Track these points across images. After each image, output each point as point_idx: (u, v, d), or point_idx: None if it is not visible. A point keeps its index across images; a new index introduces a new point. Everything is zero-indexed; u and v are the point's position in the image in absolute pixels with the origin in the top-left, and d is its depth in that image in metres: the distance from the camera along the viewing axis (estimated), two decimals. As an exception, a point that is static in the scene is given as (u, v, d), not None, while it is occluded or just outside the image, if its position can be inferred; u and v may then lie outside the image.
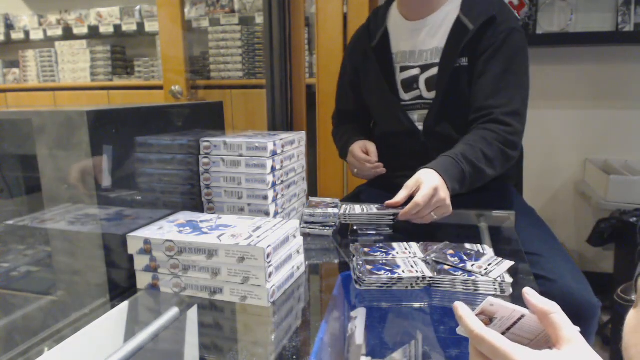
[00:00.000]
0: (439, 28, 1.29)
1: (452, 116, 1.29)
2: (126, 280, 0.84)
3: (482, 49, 1.23)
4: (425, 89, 1.32)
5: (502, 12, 1.25)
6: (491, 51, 1.22)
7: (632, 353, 0.54)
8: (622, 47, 2.21)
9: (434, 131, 1.31)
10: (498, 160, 1.18)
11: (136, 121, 0.88)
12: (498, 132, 1.19)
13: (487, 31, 1.23)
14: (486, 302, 0.50)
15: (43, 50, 3.19)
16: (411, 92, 1.34)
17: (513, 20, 1.26)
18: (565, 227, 2.39)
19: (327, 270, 1.01)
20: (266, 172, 0.99)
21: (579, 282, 1.08)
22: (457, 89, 1.27)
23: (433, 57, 1.30)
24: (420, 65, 1.32)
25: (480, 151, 1.16)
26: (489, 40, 1.23)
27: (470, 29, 1.23)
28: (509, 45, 1.22)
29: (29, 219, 0.86)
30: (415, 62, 1.33)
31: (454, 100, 1.28)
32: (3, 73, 3.38)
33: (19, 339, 0.70)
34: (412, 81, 1.33)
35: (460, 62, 1.25)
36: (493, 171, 1.18)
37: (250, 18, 2.72)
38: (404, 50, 1.35)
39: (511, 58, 1.23)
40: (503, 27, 1.22)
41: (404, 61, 1.35)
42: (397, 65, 1.35)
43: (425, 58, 1.31)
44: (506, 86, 1.22)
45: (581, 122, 2.30)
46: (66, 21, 3.18)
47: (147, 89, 2.90)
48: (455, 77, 1.26)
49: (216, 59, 2.72)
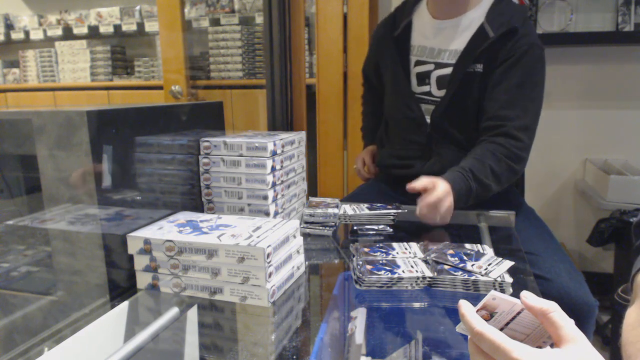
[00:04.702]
0: (463, 32, 1.31)
1: (457, 116, 1.31)
2: (126, 280, 0.84)
3: (500, 59, 1.25)
4: (435, 87, 1.34)
5: (525, 25, 1.26)
6: (509, 63, 1.24)
7: (631, 350, 0.54)
8: (622, 47, 2.21)
9: (440, 125, 1.33)
10: (504, 176, 1.20)
11: (136, 121, 0.88)
12: (508, 148, 1.20)
13: (507, 42, 1.25)
14: (489, 295, 0.51)
15: (43, 50, 3.19)
16: (422, 86, 1.37)
17: (534, 35, 1.28)
18: (565, 227, 2.39)
19: (327, 270, 1.01)
20: (266, 172, 0.99)
21: (576, 281, 1.09)
22: (467, 93, 1.28)
23: (450, 58, 1.32)
24: (435, 63, 1.34)
25: (489, 167, 1.18)
26: (508, 52, 1.24)
27: (491, 37, 1.24)
28: (528, 60, 1.24)
29: (29, 219, 0.86)
30: (431, 59, 1.35)
31: (462, 102, 1.29)
32: (3, 73, 3.38)
33: (19, 339, 0.71)
34: (424, 76, 1.36)
35: (475, 67, 1.27)
36: (499, 187, 1.20)
37: (250, 18, 2.71)
38: (423, 45, 1.37)
39: (528, 72, 1.24)
40: (524, 40, 1.24)
41: (421, 55, 1.37)
42: (413, 57, 1.38)
43: (442, 57, 1.33)
44: (521, 99, 1.24)
45: (581, 122, 2.30)
46: (66, 21, 3.18)
47: (147, 89, 2.90)
48: (467, 80, 1.28)
49: (216, 59, 2.71)
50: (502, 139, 1.22)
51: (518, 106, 1.24)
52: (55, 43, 3.15)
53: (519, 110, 1.23)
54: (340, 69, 2.23)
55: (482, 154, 1.21)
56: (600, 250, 2.19)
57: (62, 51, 3.14)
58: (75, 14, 3.15)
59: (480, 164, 1.18)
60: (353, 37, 2.21)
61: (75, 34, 3.12)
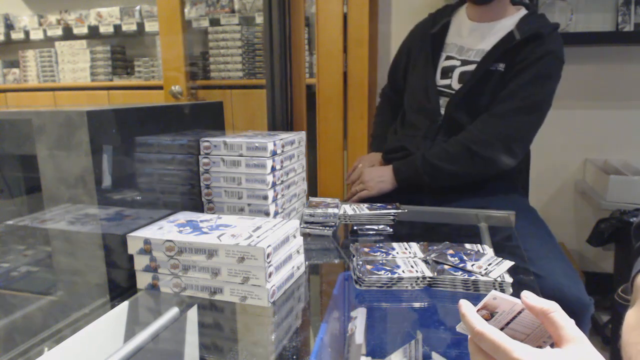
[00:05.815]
0: (493, 35, 1.37)
1: (470, 109, 1.36)
2: (126, 280, 0.84)
3: (519, 60, 1.31)
4: (456, 81, 1.40)
5: (552, 35, 1.32)
6: (525, 63, 1.30)
7: (631, 351, 0.54)
8: (622, 47, 2.21)
9: (452, 117, 1.38)
10: (461, 157, 1.31)
11: (136, 121, 0.88)
12: (471, 131, 1.31)
13: (530, 44, 1.30)
14: (490, 295, 0.51)
15: (43, 50, 3.19)
16: (444, 79, 1.43)
17: (559, 46, 1.33)
18: (565, 227, 2.39)
19: (327, 270, 1.01)
20: (266, 172, 0.99)
21: (570, 279, 1.09)
22: (484, 89, 1.34)
23: (476, 57, 1.38)
24: (462, 60, 1.41)
25: (443, 149, 1.33)
26: (528, 53, 1.30)
27: (517, 38, 1.30)
28: (543, 64, 1.30)
29: (29, 219, 0.86)
30: (460, 56, 1.42)
31: (477, 97, 1.35)
32: (3, 73, 3.38)
33: (19, 339, 0.70)
34: (448, 70, 1.42)
35: (497, 66, 1.33)
36: (458, 168, 1.32)
37: (250, 18, 2.71)
38: (455, 43, 1.44)
39: (538, 73, 1.29)
40: (546, 47, 1.30)
41: (451, 52, 1.44)
42: (445, 53, 1.45)
43: (469, 55, 1.40)
44: (517, 91, 1.30)
45: (581, 122, 2.30)
46: (66, 21, 3.18)
47: (147, 89, 2.90)
48: (487, 78, 1.33)
49: (216, 59, 2.71)
50: (472, 125, 1.33)
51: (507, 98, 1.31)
52: (55, 43, 3.15)
53: (504, 101, 1.31)
54: (340, 69, 2.23)
55: (447, 140, 1.35)
56: (600, 250, 2.18)
57: (62, 51, 3.13)
58: (75, 14, 3.15)
59: (437, 147, 1.35)
60: (353, 37, 2.21)
61: (75, 34, 3.12)
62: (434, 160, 1.32)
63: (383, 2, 2.40)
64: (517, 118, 1.30)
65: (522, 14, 1.39)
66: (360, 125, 2.27)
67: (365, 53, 2.21)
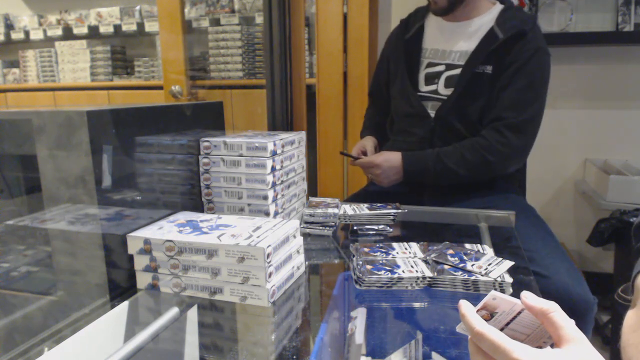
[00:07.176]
0: (473, 34, 1.35)
1: (462, 113, 1.34)
2: (126, 280, 0.84)
3: (508, 62, 1.30)
4: (443, 86, 1.38)
5: (534, 30, 1.31)
6: (515, 67, 1.29)
7: (631, 352, 0.54)
8: (622, 47, 2.21)
9: (444, 120, 1.37)
10: (477, 166, 1.30)
11: (136, 121, 0.88)
12: (489, 141, 1.30)
13: (516, 45, 1.29)
14: (489, 295, 0.51)
15: (43, 50, 3.19)
16: (430, 85, 1.41)
17: (541, 41, 1.31)
18: (565, 227, 2.39)
19: (327, 270, 1.01)
20: (266, 172, 0.99)
21: (574, 278, 1.09)
22: (474, 93, 1.32)
23: (460, 59, 1.36)
24: (447, 64, 1.38)
25: (461, 154, 1.30)
26: (515, 55, 1.29)
27: (500, 38, 1.29)
28: (533, 64, 1.28)
29: (29, 219, 0.86)
30: (443, 60, 1.40)
31: (468, 101, 1.33)
32: (3, 73, 3.38)
33: (19, 339, 0.71)
34: (434, 76, 1.40)
35: (484, 68, 1.31)
36: (469, 174, 1.31)
37: (250, 18, 2.71)
38: (435, 47, 1.42)
39: (532, 76, 1.29)
40: (532, 44, 1.28)
41: (433, 57, 1.42)
42: (425, 59, 1.43)
43: (452, 58, 1.38)
44: (521, 101, 1.29)
45: (581, 122, 2.30)
46: (66, 21, 3.18)
47: (147, 89, 2.90)
48: (475, 81, 1.32)
49: (216, 59, 2.71)
50: (487, 132, 1.31)
51: (516, 108, 1.29)
52: (55, 43, 3.15)
53: (515, 111, 1.29)
54: (340, 69, 2.24)
55: (463, 143, 1.32)
56: (600, 250, 2.18)
57: (62, 51, 3.13)
58: (75, 14, 3.15)
59: (453, 150, 1.31)
60: (353, 37, 2.21)
61: (75, 34, 3.12)
62: (449, 163, 1.30)
63: (383, 2, 2.40)
64: (529, 128, 1.31)
65: (498, 8, 1.36)
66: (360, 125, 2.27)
67: (365, 53, 2.21)
